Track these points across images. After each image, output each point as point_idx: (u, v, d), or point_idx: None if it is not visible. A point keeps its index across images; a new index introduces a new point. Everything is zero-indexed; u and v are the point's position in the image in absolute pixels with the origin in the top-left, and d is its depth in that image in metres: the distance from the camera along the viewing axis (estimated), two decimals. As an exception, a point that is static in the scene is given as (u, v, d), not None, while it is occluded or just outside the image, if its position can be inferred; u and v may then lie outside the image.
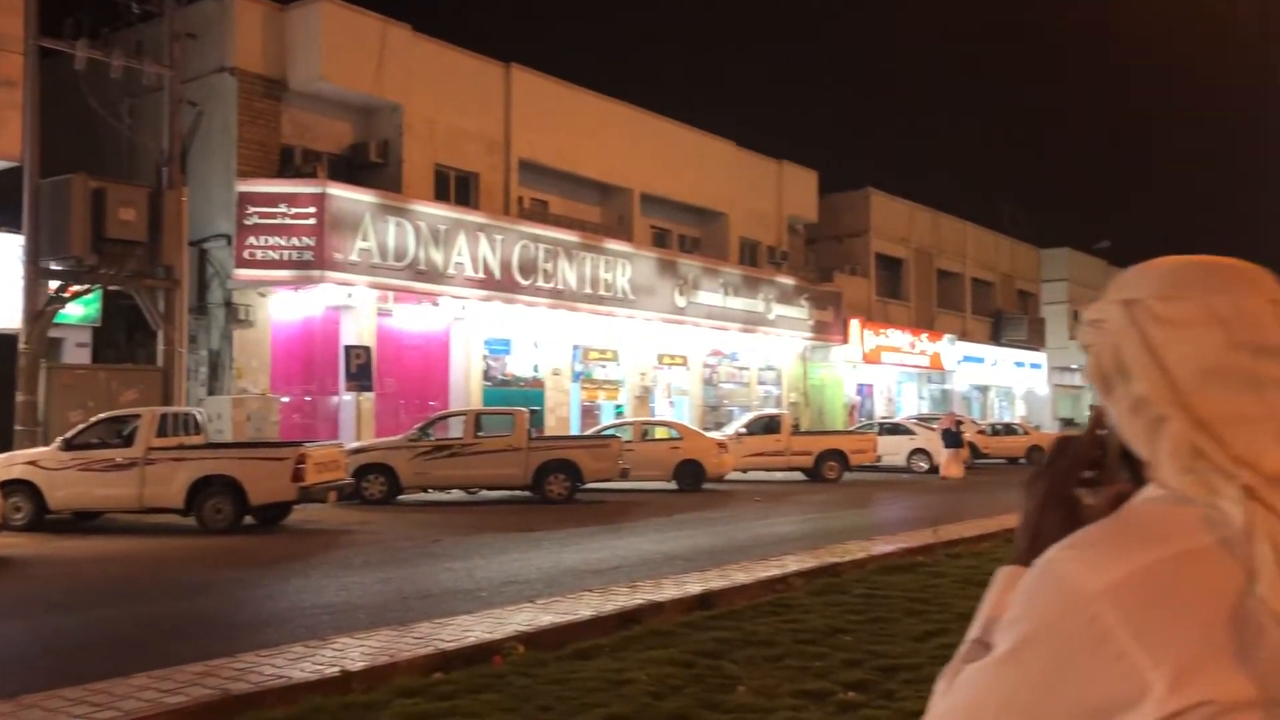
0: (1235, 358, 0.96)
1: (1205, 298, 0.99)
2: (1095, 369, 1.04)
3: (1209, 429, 0.95)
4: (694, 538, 13.41)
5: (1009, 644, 0.95)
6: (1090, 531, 0.97)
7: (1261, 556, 0.89)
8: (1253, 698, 0.86)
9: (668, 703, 5.12)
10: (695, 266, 30.61)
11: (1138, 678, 0.87)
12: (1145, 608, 0.89)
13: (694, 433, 23.79)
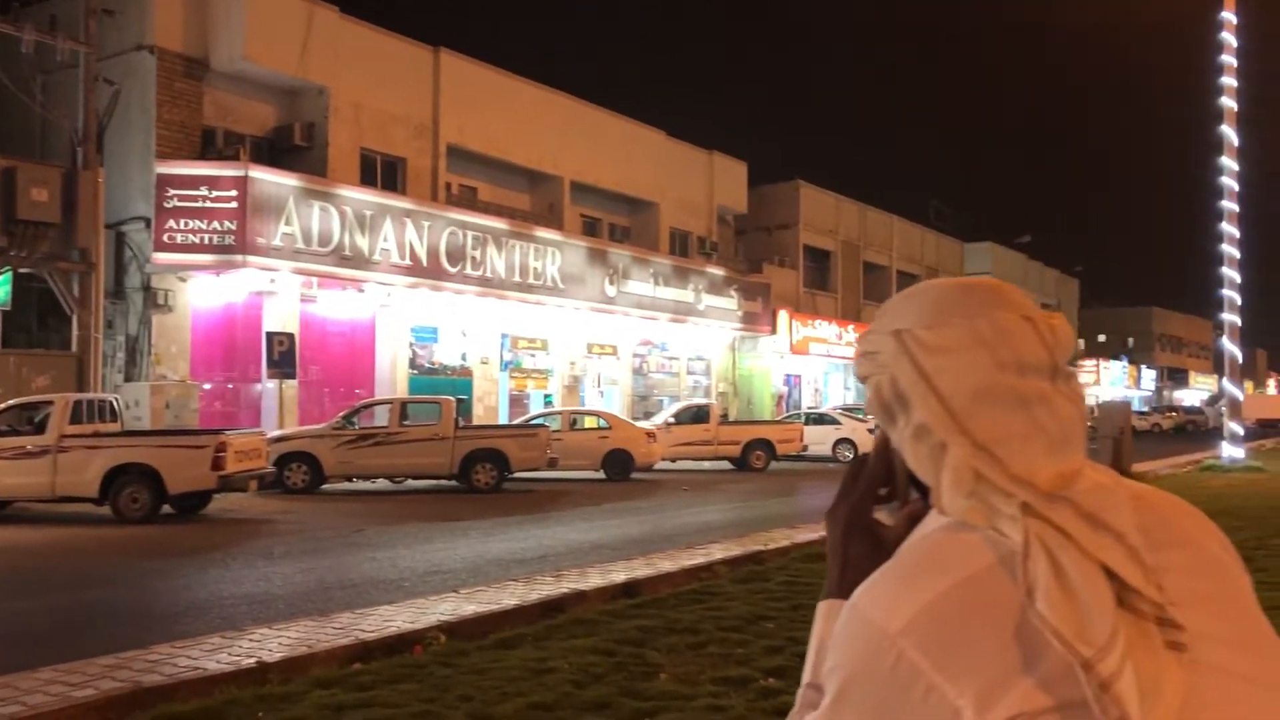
0: (1002, 378, 0.98)
1: (967, 322, 1.01)
2: (876, 400, 1.05)
3: (987, 451, 0.97)
4: (621, 527, 13.42)
5: (832, 694, 0.98)
6: (884, 571, 0.99)
7: (1037, 572, 0.91)
8: (1050, 705, 0.88)
9: (589, 691, 5.11)
10: (625, 256, 30.60)
11: (948, 707, 0.90)
12: (941, 639, 0.92)
13: (623, 422, 23.81)
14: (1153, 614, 0.92)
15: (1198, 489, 17.59)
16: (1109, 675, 0.87)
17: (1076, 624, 0.89)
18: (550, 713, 4.77)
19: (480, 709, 4.84)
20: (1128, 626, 0.90)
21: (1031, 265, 67.75)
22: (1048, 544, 0.93)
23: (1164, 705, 0.88)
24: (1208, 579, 0.98)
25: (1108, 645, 0.88)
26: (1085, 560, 0.92)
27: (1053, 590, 0.90)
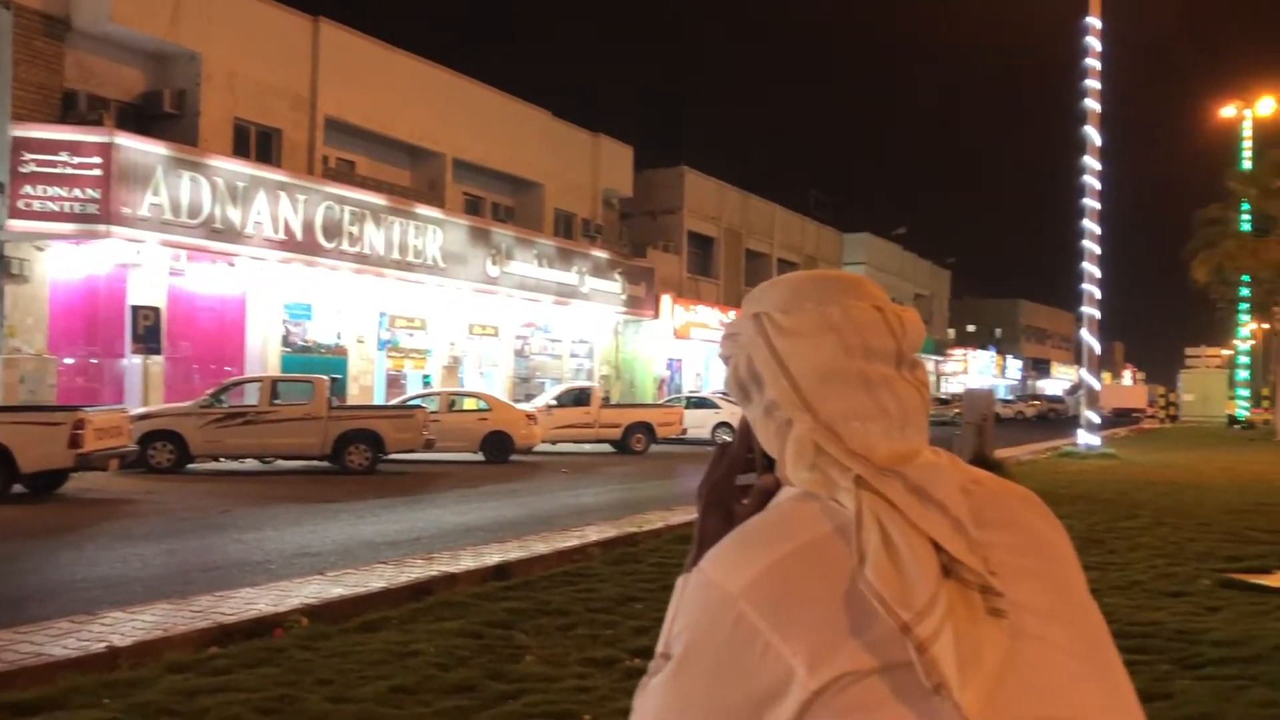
0: (849, 361, 1.04)
1: (820, 308, 1.07)
2: (734, 379, 1.10)
3: (829, 428, 1.02)
4: (498, 509, 13.35)
5: (677, 655, 1.01)
6: (730, 537, 1.03)
7: (868, 540, 0.95)
8: (876, 665, 0.92)
9: (454, 674, 5.07)
10: (509, 236, 30.34)
11: (783, 666, 0.93)
12: (778, 600, 0.95)
13: (502, 404, 23.65)
14: (976, 583, 0.96)
15: (1055, 474, 18.37)
16: (926, 638, 0.91)
17: (899, 589, 0.93)
18: (412, 695, 4.71)
19: (340, 692, 4.75)
20: (953, 595, 0.94)
21: (906, 256, 69.60)
22: (879, 514, 0.97)
23: (984, 669, 0.92)
24: (1032, 556, 1.03)
25: (926, 609, 0.92)
26: (913, 531, 0.96)
27: (880, 557, 0.94)
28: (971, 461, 4.97)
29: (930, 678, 0.90)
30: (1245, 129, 45.64)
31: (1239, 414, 50.69)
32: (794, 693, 0.93)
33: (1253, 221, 38.45)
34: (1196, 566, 8.44)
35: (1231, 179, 39.43)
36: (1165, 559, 8.85)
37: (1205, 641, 5.70)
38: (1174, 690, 4.76)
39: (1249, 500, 13.89)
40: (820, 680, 0.92)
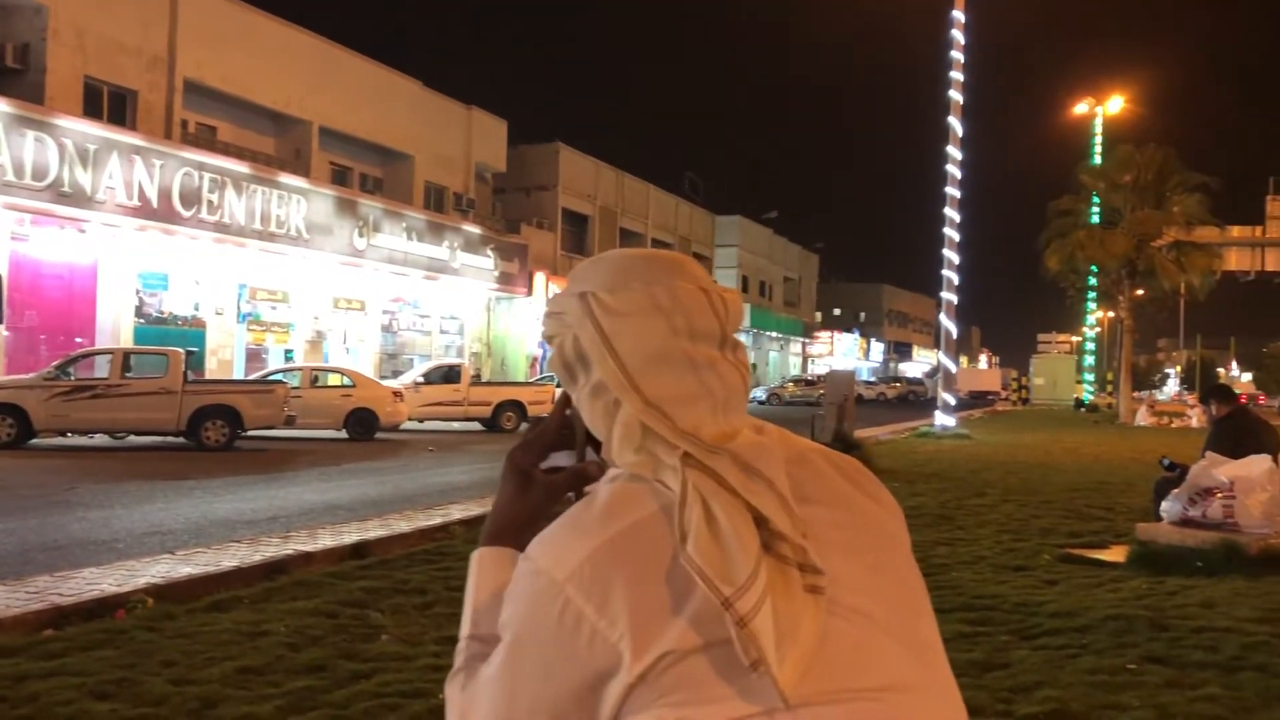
0: (675, 342, 1.05)
1: (646, 288, 1.06)
2: (559, 358, 1.09)
3: (657, 408, 1.02)
4: (360, 487, 13.09)
5: (506, 644, 1.01)
6: (558, 521, 1.03)
7: (690, 518, 0.96)
8: (698, 644, 0.93)
9: (305, 654, 4.94)
10: (377, 207, 29.70)
11: (611, 651, 0.94)
12: (603, 584, 0.96)
13: (368, 380, 23.19)
14: (795, 559, 0.97)
15: (912, 454, 19.00)
16: (746, 613, 0.92)
17: (720, 565, 0.94)
18: (260, 676, 4.58)
19: (184, 674, 4.58)
20: (772, 571, 0.95)
21: (777, 240, 70.82)
22: (702, 492, 0.98)
23: (800, 644, 0.93)
24: (854, 530, 1.05)
25: (746, 585, 0.93)
26: (735, 508, 0.97)
27: (702, 534, 0.95)
28: (832, 441, 5.17)
29: (749, 654, 0.91)
30: (1097, 125, 47.80)
31: (1085, 398, 53.31)
32: (620, 676, 0.93)
33: (1101, 214, 40.36)
34: (1039, 542, 8.82)
35: (1083, 173, 41.29)
36: (1010, 535, 9.23)
37: (1042, 613, 5.97)
38: (1011, 660, 4.97)
39: (1090, 480, 14.61)
40: (644, 663, 0.92)
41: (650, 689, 0.92)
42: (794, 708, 0.92)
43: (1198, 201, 38.05)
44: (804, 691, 0.93)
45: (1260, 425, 8.62)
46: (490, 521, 1.16)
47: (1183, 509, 8.02)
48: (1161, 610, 6.06)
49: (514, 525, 1.15)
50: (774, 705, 0.92)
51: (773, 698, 0.92)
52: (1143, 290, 40.61)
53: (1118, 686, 4.52)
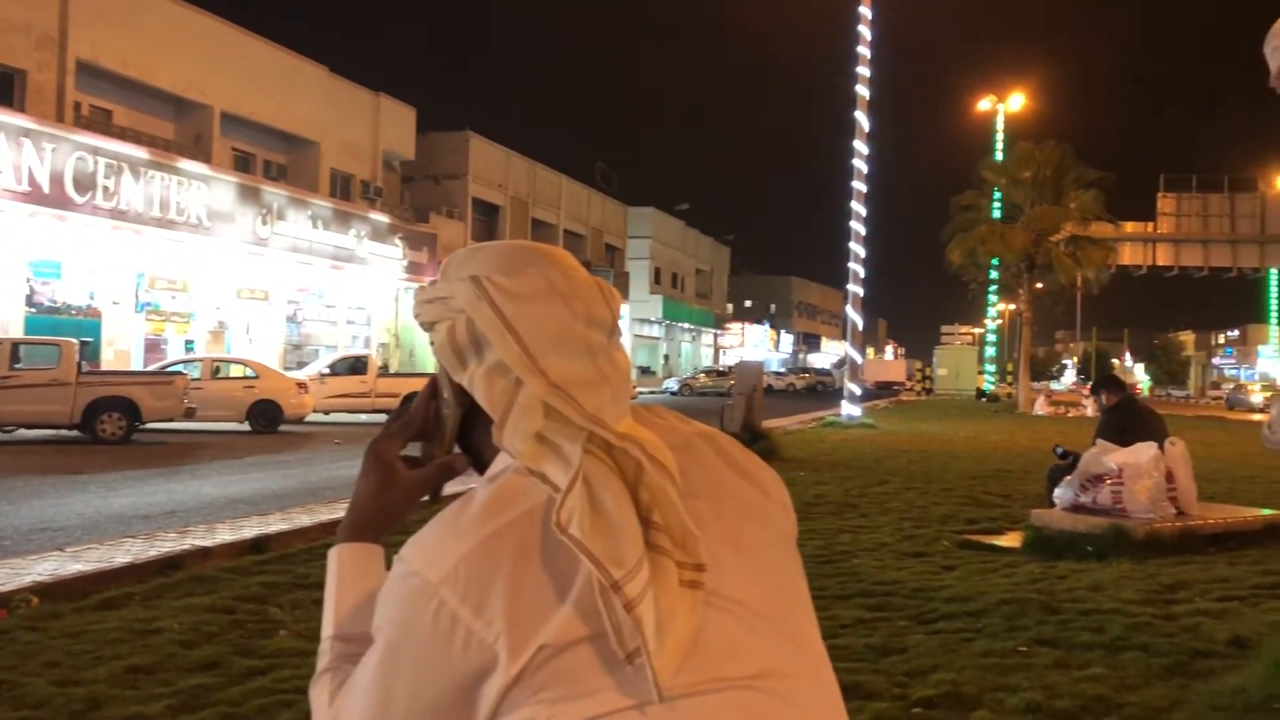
0: (576, 327, 1.04)
1: (544, 273, 1.06)
2: (449, 343, 1.07)
3: (563, 390, 1.01)
4: (263, 481, 12.82)
5: (380, 649, 0.98)
6: (434, 520, 1.01)
7: (574, 505, 0.95)
8: (575, 637, 0.93)
9: (199, 651, 4.82)
10: (281, 195, 29.06)
11: (487, 652, 0.93)
12: (479, 584, 0.94)
13: (271, 372, 22.70)
14: (676, 554, 0.96)
15: (819, 443, 19.29)
16: (634, 596, 0.92)
17: (609, 548, 0.93)
18: (150, 676, 4.45)
19: (68, 675, 4.43)
20: (651, 563, 0.95)
21: (689, 232, 71.20)
22: (594, 479, 0.97)
23: (674, 638, 0.93)
24: (736, 519, 1.05)
25: (634, 570, 0.93)
26: (624, 497, 0.97)
27: (588, 519, 0.94)
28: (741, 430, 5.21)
29: (625, 645, 0.92)
30: (999, 122, 49.02)
31: (986, 388, 54.70)
32: (497, 676, 0.92)
33: (1002, 209, 41.43)
34: (938, 529, 9.03)
35: (985, 168, 42.31)
36: (911, 522, 9.44)
37: (939, 598, 6.11)
38: (908, 644, 5.07)
39: (988, 467, 15.00)
40: (521, 662, 0.92)
41: (526, 687, 0.92)
42: (668, 700, 0.92)
43: (1093, 198, 39.28)
44: (678, 683, 0.93)
45: (1147, 414, 8.94)
46: (351, 515, 1.14)
47: (1074, 495, 8.28)
48: (1052, 594, 6.25)
49: (377, 520, 1.13)
50: (648, 698, 0.92)
51: (647, 690, 0.92)
52: (1041, 283, 41.82)
53: (1009, 668, 4.65)
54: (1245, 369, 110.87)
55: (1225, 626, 5.33)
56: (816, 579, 6.68)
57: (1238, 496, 10.71)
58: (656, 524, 0.98)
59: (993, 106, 49.05)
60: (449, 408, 1.11)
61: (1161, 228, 61.54)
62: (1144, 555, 7.41)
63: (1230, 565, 7.16)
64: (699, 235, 73.67)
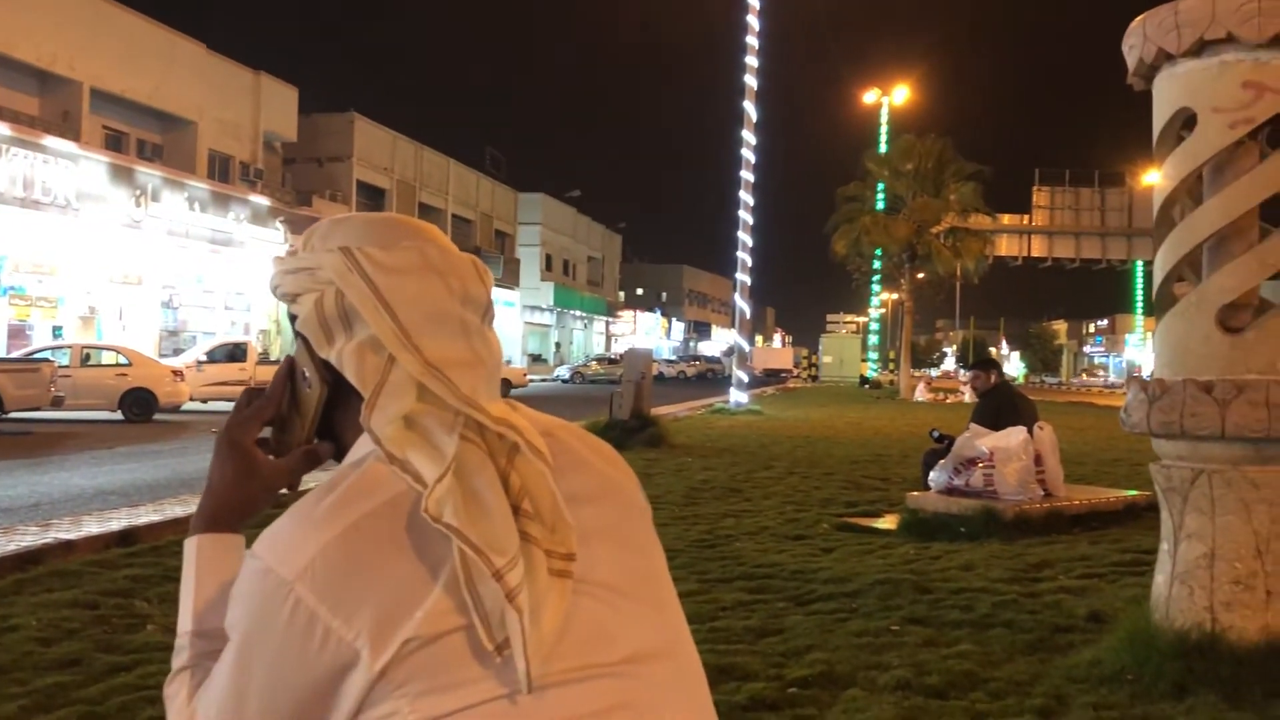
0: (452, 305, 1.02)
1: (420, 247, 1.03)
2: (315, 316, 1.02)
3: (438, 370, 0.98)
4: (135, 471, 12.37)
5: (234, 650, 0.95)
6: (288, 513, 0.97)
7: (446, 491, 0.93)
8: (441, 630, 0.91)
9: (59, 648, 4.62)
10: (156, 176, 28.02)
11: (348, 648, 0.90)
12: (337, 579, 0.91)
13: (145, 359, 21.92)
14: (545, 543, 0.95)
15: (707, 429, 19.49)
16: (515, 586, 0.91)
17: (489, 536, 0.92)
18: (4, 675, 4.25)
19: (-88, 679, 4.20)
20: (523, 551, 0.94)
21: (580, 219, 71.09)
22: (466, 465, 0.95)
23: (545, 628, 0.92)
24: (601, 506, 1.05)
25: (515, 558, 0.92)
26: (496, 483, 0.96)
27: (462, 508, 0.92)
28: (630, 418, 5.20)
29: (496, 635, 0.90)
30: (883, 115, 50.12)
31: (869, 374, 56.03)
32: (359, 673, 0.89)
33: (886, 201, 42.42)
34: (819, 512, 9.21)
35: (869, 160, 43.25)
36: (793, 505, 9.60)
37: (817, 579, 6.23)
38: (786, 625, 5.16)
39: (869, 452, 15.36)
40: (385, 658, 0.89)
41: (389, 683, 0.89)
42: (538, 690, 0.91)
43: (972, 190, 40.52)
44: (549, 672, 0.92)
45: (1019, 399, 9.27)
46: (207, 505, 1.08)
47: (949, 479, 8.53)
48: (925, 574, 6.44)
49: (236, 509, 1.08)
50: (517, 688, 0.90)
51: (518, 680, 0.90)
52: (923, 273, 42.97)
53: (881, 647, 4.76)
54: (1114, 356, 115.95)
55: (1085, 603, 5.56)
56: (699, 563, 6.75)
57: (1102, 478, 11.20)
58: (527, 511, 0.96)
59: (878, 99, 50.11)
60: (311, 386, 1.06)
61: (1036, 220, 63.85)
62: (1013, 536, 7.68)
63: (1092, 544, 7.48)
64: (590, 222, 73.61)
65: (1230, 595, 4.16)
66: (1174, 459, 4.38)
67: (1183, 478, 4.29)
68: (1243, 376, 4.11)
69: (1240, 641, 4.09)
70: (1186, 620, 4.23)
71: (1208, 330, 4.21)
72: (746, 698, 4.04)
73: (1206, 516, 4.22)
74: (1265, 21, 4.03)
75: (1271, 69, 4.13)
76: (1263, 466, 4.16)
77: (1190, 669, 4.03)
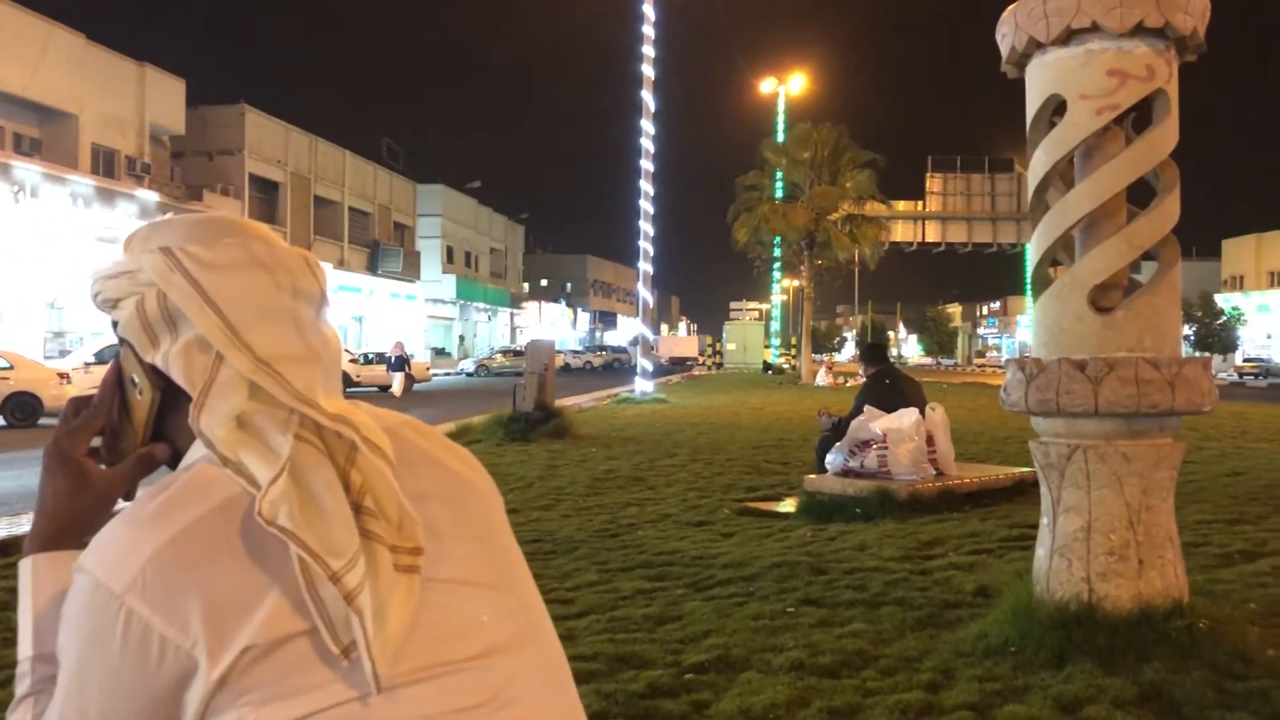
0: (281, 299, 1.00)
1: (245, 243, 1.01)
2: (137, 319, 1.00)
3: (270, 367, 0.96)
4: (18, 479, 11.94)
5: (69, 670, 0.91)
6: (114, 523, 0.93)
7: (281, 493, 0.91)
8: (296, 630, 0.89)
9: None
10: (35, 171, 26.97)
11: (186, 657, 0.87)
12: (169, 588, 0.88)
13: (28, 361, 21.07)
14: (389, 539, 0.93)
15: (611, 419, 19.53)
16: (354, 588, 0.88)
17: (325, 538, 0.89)
18: None
19: None
20: (366, 550, 0.92)
21: (482, 210, 70.48)
22: (301, 466, 0.92)
23: (392, 627, 0.90)
24: (450, 501, 1.04)
25: (354, 558, 0.89)
26: (334, 483, 0.93)
27: (297, 510, 0.89)
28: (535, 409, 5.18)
29: (341, 638, 0.88)
30: (780, 103, 50.69)
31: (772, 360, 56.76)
32: (199, 684, 0.87)
33: (784, 189, 42.95)
34: (720, 498, 9.30)
35: (767, 149, 43.74)
36: (696, 492, 9.67)
37: (716, 565, 6.29)
38: (684, 611, 5.19)
39: (771, 437, 15.56)
40: (224, 666, 0.86)
41: (229, 691, 0.87)
42: (388, 690, 0.89)
43: (867, 178, 41.29)
44: (399, 671, 0.90)
45: (907, 381, 9.48)
46: (40, 524, 1.03)
47: (844, 461, 8.69)
48: (821, 555, 6.54)
49: (72, 525, 1.03)
50: (367, 690, 0.89)
51: (365, 682, 0.88)
52: (822, 260, 43.64)
53: (776, 629, 4.83)
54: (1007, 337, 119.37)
55: (973, 578, 5.71)
56: (600, 553, 6.76)
57: (993, 456, 11.53)
58: (369, 509, 0.94)
59: (775, 88, 50.66)
60: (142, 392, 1.02)
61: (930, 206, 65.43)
62: (907, 515, 7.86)
63: (982, 521, 7.69)
64: (492, 214, 73.02)
65: (1105, 566, 4.32)
66: (1051, 436, 4.53)
67: (1060, 454, 4.43)
68: (1114, 355, 4.26)
69: (1115, 610, 4.24)
70: (1065, 592, 4.37)
71: (1080, 310, 4.35)
72: (644, 686, 4.06)
73: (1083, 491, 4.37)
74: (1126, 12, 4.17)
75: (1134, 57, 4.28)
76: (1133, 441, 4.32)
77: (1069, 638, 4.17)
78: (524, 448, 13.65)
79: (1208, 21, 4.43)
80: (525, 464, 11.89)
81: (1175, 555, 4.44)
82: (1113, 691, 3.81)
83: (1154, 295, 4.39)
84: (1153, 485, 4.34)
